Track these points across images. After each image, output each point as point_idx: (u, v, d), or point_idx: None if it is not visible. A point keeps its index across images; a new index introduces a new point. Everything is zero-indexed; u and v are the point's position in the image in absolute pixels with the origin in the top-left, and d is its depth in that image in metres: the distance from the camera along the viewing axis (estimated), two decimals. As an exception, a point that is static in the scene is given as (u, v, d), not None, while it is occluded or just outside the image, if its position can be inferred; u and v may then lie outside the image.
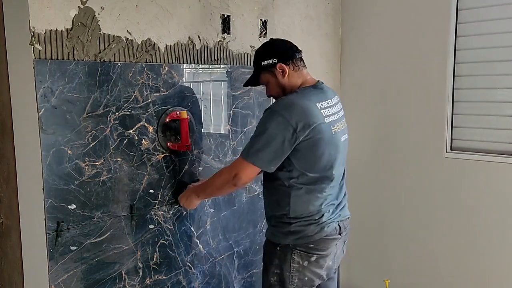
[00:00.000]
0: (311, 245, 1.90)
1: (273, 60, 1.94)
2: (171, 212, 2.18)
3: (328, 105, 1.91)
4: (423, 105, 2.86)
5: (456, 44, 2.74)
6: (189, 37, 2.21)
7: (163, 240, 2.16)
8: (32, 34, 1.68)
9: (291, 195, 1.89)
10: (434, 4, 2.77)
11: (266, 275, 1.98)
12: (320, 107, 1.86)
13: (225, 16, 2.36)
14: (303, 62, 2.01)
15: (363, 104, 3.12)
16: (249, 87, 2.23)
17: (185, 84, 2.21)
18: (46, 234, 1.76)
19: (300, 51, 2.00)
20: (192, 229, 2.28)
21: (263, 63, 1.96)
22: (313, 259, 1.91)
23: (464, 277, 2.81)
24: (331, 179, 1.92)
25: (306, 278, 1.93)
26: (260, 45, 2.08)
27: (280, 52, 1.96)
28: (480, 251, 2.74)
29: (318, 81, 2.00)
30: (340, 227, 1.98)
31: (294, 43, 2.04)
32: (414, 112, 2.91)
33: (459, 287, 2.85)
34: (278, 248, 1.93)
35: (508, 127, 2.63)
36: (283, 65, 1.93)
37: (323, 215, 1.91)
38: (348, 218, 2.07)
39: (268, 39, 2.13)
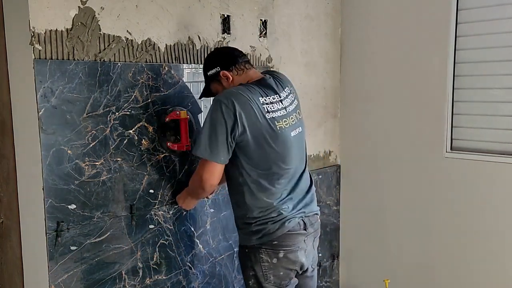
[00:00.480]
0: (275, 242, 1.91)
1: (217, 69, 1.97)
2: (171, 212, 2.18)
3: (274, 100, 1.91)
4: (423, 105, 2.86)
5: (456, 44, 2.74)
6: (189, 37, 2.21)
7: (163, 240, 2.16)
8: (32, 34, 1.68)
9: (245, 193, 1.92)
10: (434, 4, 2.77)
11: (245, 279, 2.01)
12: (263, 101, 1.87)
13: (225, 16, 2.36)
14: (249, 64, 2.01)
15: (363, 104, 3.12)
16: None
17: (185, 84, 2.21)
18: (46, 234, 1.76)
19: (244, 55, 2.02)
20: (192, 229, 2.28)
21: (208, 73, 2.00)
22: (281, 255, 1.92)
23: (464, 276, 2.81)
24: (282, 174, 1.92)
25: (281, 273, 1.94)
26: (206, 56, 2.11)
27: (222, 59, 1.98)
28: (480, 251, 2.74)
29: (265, 75, 2.00)
30: (305, 223, 1.97)
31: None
32: (414, 112, 2.91)
33: (459, 287, 2.84)
34: (247, 251, 1.97)
35: (508, 127, 2.63)
36: (226, 72, 1.95)
37: (280, 211, 1.91)
38: (316, 214, 2.06)
39: (212, 50, 2.17)
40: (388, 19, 2.97)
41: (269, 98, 1.89)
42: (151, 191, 2.09)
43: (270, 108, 1.88)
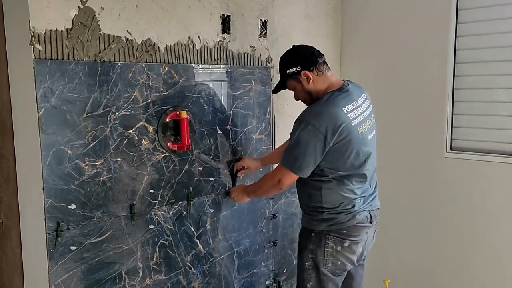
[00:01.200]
0: (344, 231, 2.03)
1: (297, 68, 2.02)
2: (171, 212, 2.18)
3: (354, 107, 1.99)
4: (423, 105, 2.86)
5: (456, 44, 2.74)
6: (189, 37, 2.21)
7: (163, 240, 2.16)
8: (32, 34, 1.68)
9: (322, 188, 2.03)
10: (434, 4, 2.77)
11: (301, 259, 2.11)
12: (346, 111, 1.95)
13: (225, 16, 2.36)
14: (327, 65, 2.08)
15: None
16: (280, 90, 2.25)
17: (185, 84, 2.21)
18: (46, 234, 1.76)
19: (322, 55, 2.07)
20: (192, 229, 2.28)
21: (288, 71, 2.05)
22: (346, 244, 2.04)
23: (464, 276, 2.81)
24: (361, 174, 2.05)
25: (339, 263, 2.06)
26: (284, 52, 2.13)
27: (303, 59, 2.03)
28: (480, 251, 2.74)
29: (344, 82, 2.07)
30: (371, 216, 2.10)
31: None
32: (414, 112, 2.91)
33: (459, 287, 2.85)
34: (312, 234, 2.07)
35: (508, 127, 2.62)
36: (307, 72, 2.02)
37: (354, 205, 2.04)
38: (378, 208, 2.19)
39: (291, 46, 2.15)
40: (388, 19, 2.97)
41: (350, 106, 1.97)
42: (151, 191, 2.09)
43: (353, 116, 1.96)
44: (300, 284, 2.15)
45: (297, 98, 2.14)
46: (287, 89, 2.15)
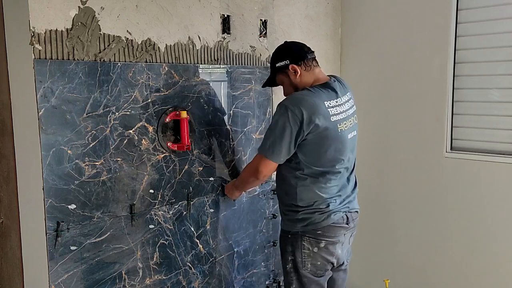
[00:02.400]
0: (319, 232, 2.03)
1: (286, 62, 2.07)
2: (171, 212, 2.18)
3: (337, 103, 2.01)
4: (423, 105, 2.86)
5: (456, 44, 2.74)
6: (189, 37, 2.21)
7: (163, 240, 2.16)
8: (32, 34, 1.68)
9: (297, 185, 2.03)
10: (434, 4, 2.77)
11: (283, 262, 2.14)
12: (328, 105, 1.97)
13: (225, 16, 2.36)
14: (316, 62, 2.12)
15: (363, 104, 3.11)
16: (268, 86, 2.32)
17: (185, 84, 2.21)
18: (46, 234, 1.76)
19: (312, 52, 2.11)
20: (192, 229, 2.28)
21: (277, 64, 2.11)
22: (322, 245, 2.04)
23: (464, 276, 2.81)
24: (336, 172, 2.05)
25: (319, 263, 2.07)
26: (276, 48, 2.18)
27: (292, 53, 2.08)
28: (480, 251, 2.74)
29: (330, 78, 2.10)
30: (347, 218, 2.09)
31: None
32: (414, 112, 2.91)
33: (459, 287, 2.85)
34: (289, 236, 2.08)
35: (508, 127, 2.62)
36: (295, 66, 2.06)
37: (328, 204, 2.03)
38: (357, 211, 2.17)
39: (283, 42, 2.21)
40: (388, 19, 2.97)
41: (332, 102, 2.00)
42: (151, 191, 2.09)
43: (333, 112, 1.98)
44: (286, 286, 2.16)
45: (285, 93, 2.17)
46: (277, 86, 2.20)
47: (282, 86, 2.17)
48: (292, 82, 2.09)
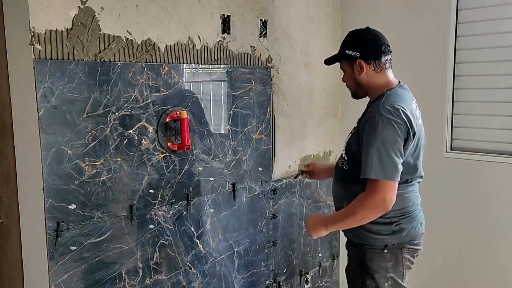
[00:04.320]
0: (416, 241, 1.92)
1: (356, 54, 1.87)
2: (171, 212, 2.18)
3: (416, 106, 1.90)
4: (423, 105, 2.83)
5: (456, 44, 2.74)
6: (189, 37, 2.21)
7: (163, 240, 2.16)
8: (32, 34, 1.68)
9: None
10: (434, 4, 2.77)
11: (379, 284, 1.87)
12: (414, 107, 1.86)
13: (225, 16, 2.36)
14: (390, 64, 1.92)
15: (363, 104, 3.11)
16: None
17: (185, 84, 2.21)
18: (46, 234, 1.76)
19: (390, 52, 1.90)
20: (192, 229, 2.28)
21: (346, 51, 1.90)
22: (416, 254, 1.93)
23: (464, 276, 2.81)
24: (419, 177, 1.95)
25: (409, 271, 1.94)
26: (356, 30, 1.95)
27: (366, 48, 1.87)
28: (480, 251, 2.74)
29: (399, 81, 1.95)
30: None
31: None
32: (414, 112, 2.90)
33: (459, 287, 2.84)
34: (385, 251, 1.85)
35: (508, 127, 2.62)
36: (363, 63, 1.86)
37: (417, 212, 1.95)
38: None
39: (365, 27, 1.96)
40: (388, 19, 2.97)
41: (413, 105, 1.87)
42: (151, 191, 2.09)
43: (417, 114, 1.87)
44: None
45: (344, 80, 1.99)
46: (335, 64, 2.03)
47: (343, 72, 1.98)
48: (355, 76, 1.90)
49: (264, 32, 2.59)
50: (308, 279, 3.01)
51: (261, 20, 2.57)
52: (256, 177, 2.59)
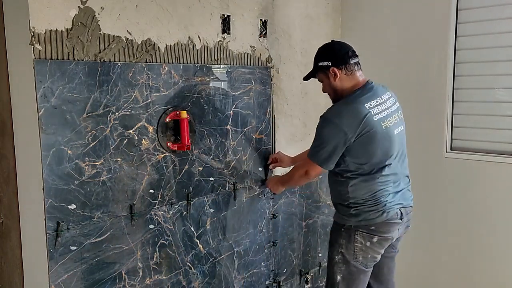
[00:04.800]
0: (373, 227, 2.10)
1: (328, 63, 2.12)
2: (171, 212, 2.18)
3: (378, 103, 2.07)
4: (423, 105, 2.86)
5: (456, 44, 2.74)
6: (189, 37, 2.21)
7: (163, 240, 2.16)
8: (32, 34, 1.68)
9: (348, 185, 2.11)
10: (434, 4, 2.77)
11: (331, 253, 2.21)
12: (368, 106, 2.03)
13: (225, 16, 2.36)
14: (358, 66, 2.16)
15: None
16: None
17: (185, 84, 2.21)
18: (46, 234, 1.76)
19: (356, 56, 2.16)
20: (192, 229, 2.28)
21: (319, 63, 2.16)
22: (375, 240, 2.11)
23: (464, 276, 2.81)
24: (384, 169, 2.08)
25: (369, 256, 2.14)
26: (323, 44, 2.23)
27: (336, 56, 2.12)
28: (480, 251, 2.74)
29: (367, 81, 2.16)
30: (401, 213, 2.14)
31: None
32: (414, 112, 2.90)
33: (458, 286, 2.85)
34: (342, 229, 2.15)
35: (508, 127, 2.62)
36: (336, 69, 2.11)
37: (381, 201, 2.08)
38: (411, 207, 2.22)
39: (330, 41, 2.25)
40: (388, 19, 2.97)
41: (373, 102, 2.06)
42: (151, 191, 2.09)
43: (376, 111, 2.04)
44: (330, 276, 2.22)
45: (324, 91, 2.23)
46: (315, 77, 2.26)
47: (321, 83, 2.22)
48: (331, 83, 2.14)
49: (264, 32, 2.59)
50: (308, 279, 3.01)
51: (261, 20, 2.57)
52: (256, 177, 2.59)
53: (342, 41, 2.24)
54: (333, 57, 2.12)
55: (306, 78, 2.30)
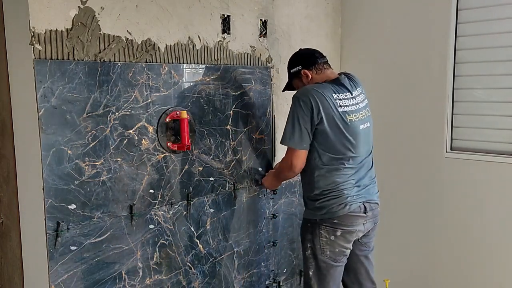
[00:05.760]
0: (336, 221, 2.15)
1: (298, 68, 2.27)
2: (171, 212, 2.18)
3: (346, 97, 2.17)
4: (423, 105, 2.86)
5: (456, 44, 2.74)
6: (189, 37, 2.21)
7: (163, 240, 2.16)
8: (32, 34, 1.68)
9: (315, 174, 2.18)
10: (434, 4, 2.77)
11: (303, 249, 2.28)
12: (335, 97, 2.14)
13: (225, 16, 2.36)
14: (328, 65, 2.29)
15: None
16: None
17: (185, 84, 2.21)
18: (46, 234, 1.76)
19: (324, 56, 2.30)
20: (192, 229, 2.28)
21: (291, 70, 2.31)
22: (338, 233, 2.16)
23: (464, 276, 2.81)
24: (349, 161, 2.17)
25: (337, 250, 2.19)
26: (291, 55, 2.36)
27: (303, 59, 2.27)
28: (480, 251, 2.74)
29: (340, 75, 2.26)
30: (365, 207, 2.20)
31: (303, 46, 2.33)
32: (414, 112, 2.91)
33: (458, 286, 2.85)
34: (309, 225, 2.23)
35: (508, 127, 2.62)
36: (306, 71, 2.25)
37: (344, 194, 2.15)
38: (376, 203, 2.28)
39: (298, 49, 2.39)
40: (388, 19, 2.97)
41: (341, 95, 2.16)
42: (151, 191, 2.09)
43: (342, 103, 2.14)
44: (305, 271, 2.30)
45: None
46: (295, 89, 2.33)
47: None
48: (305, 85, 2.23)
49: (264, 32, 2.59)
50: (308, 279, 3.01)
51: (261, 20, 2.57)
52: (256, 177, 2.59)
53: (307, 47, 2.41)
54: (302, 60, 2.27)
55: (284, 90, 2.42)
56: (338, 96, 2.14)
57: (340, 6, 3.14)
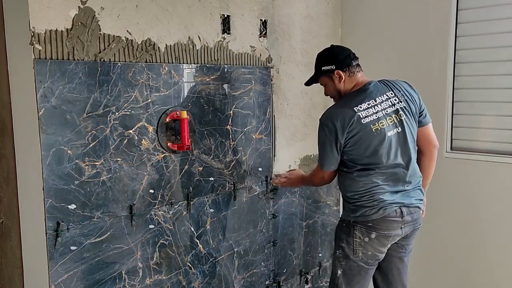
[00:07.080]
0: (370, 224, 2.13)
1: (332, 67, 2.18)
2: (171, 212, 2.18)
3: (369, 105, 2.11)
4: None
5: (456, 44, 2.74)
6: (189, 37, 2.21)
7: (163, 240, 2.16)
8: (32, 34, 1.68)
9: (346, 179, 2.20)
10: (434, 4, 2.77)
11: (335, 248, 2.28)
12: (357, 109, 2.09)
13: (225, 16, 2.36)
14: (359, 67, 2.23)
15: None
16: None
17: (185, 84, 2.21)
18: (46, 234, 1.76)
19: (357, 58, 2.22)
20: (192, 229, 2.28)
21: (322, 68, 2.21)
22: (373, 236, 2.13)
23: (464, 275, 2.81)
24: (378, 168, 2.13)
25: (370, 253, 2.16)
26: (322, 49, 2.28)
27: (339, 60, 2.18)
28: (480, 251, 2.74)
29: (367, 82, 2.19)
30: (402, 211, 2.14)
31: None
32: (414, 112, 2.90)
33: (459, 287, 2.85)
34: (344, 224, 2.22)
35: (508, 127, 2.62)
36: (340, 72, 2.17)
37: (376, 198, 2.12)
38: (417, 207, 2.21)
39: (329, 45, 2.31)
40: (388, 19, 2.97)
41: (364, 105, 2.10)
42: (151, 191, 2.09)
43: (365, 113, 2.10)
44: (333, 271, 2.29)
45: (326, 94, 2.29)
46: (318, 84, 2.30)
47: (324, 87, 2.27)
48: (336, 86, 2.19)
49: (264, 32, 2.59)
50: (308, 279, 3.01)
51: (261, 20, 2.57)
52: (256, 177, 2.59)
53: (341, 45, 2.34)
54: (336, 60, 2.18)
55: (308, 83, 2.34)
56: (361, 107, 2.09)
57: (340, 6, 3.14)
